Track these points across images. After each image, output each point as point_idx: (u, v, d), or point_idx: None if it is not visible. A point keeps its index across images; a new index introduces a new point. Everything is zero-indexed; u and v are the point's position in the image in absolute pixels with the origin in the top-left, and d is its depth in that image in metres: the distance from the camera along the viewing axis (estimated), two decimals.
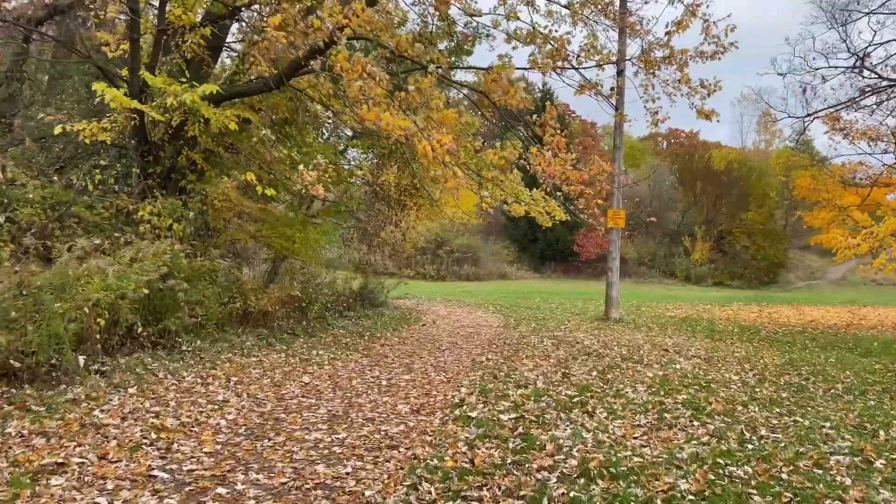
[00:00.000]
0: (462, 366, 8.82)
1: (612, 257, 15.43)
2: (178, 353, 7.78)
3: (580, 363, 8.76)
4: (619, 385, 7.28)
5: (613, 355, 9.46)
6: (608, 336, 12.05)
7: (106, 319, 7.03)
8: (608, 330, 13.28)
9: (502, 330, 13.33)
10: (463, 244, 39.61)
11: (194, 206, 9.30)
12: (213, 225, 9.49)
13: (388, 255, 20.27)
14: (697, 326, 14.88)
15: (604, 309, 15.99)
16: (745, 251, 47.72)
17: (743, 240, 48.20)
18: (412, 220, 18.92)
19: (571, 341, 11.07)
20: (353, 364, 8.70)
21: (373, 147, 13.45)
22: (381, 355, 9.63)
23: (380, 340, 11.16)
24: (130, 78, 8.90)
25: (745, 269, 46.86)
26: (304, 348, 9.43)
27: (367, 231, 18.14)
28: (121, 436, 4.94)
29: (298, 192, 8.14)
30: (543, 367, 8.48)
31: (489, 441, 5.12)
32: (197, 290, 8.41)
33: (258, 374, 7.47)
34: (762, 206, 49.13)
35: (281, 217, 10.94)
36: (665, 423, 5.76)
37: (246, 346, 8.86)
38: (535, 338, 11.59)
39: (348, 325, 12.74)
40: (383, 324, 13.51)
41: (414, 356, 9.68)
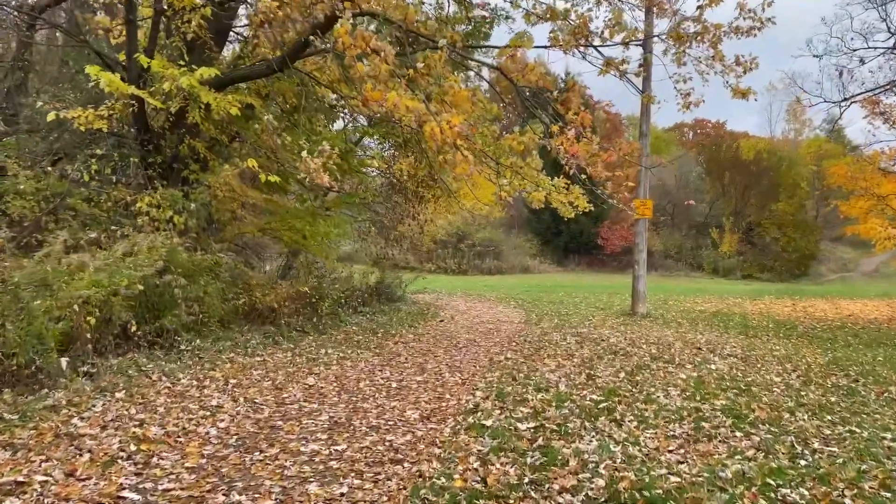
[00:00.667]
0: (479, 366, 8.26)
1: (639, 249, 14.72)
2: (175, 353, 7.33)
3: (606, 363, 8.14)
4: (650, 388, 6.65)
5: (642, 354, 8.82)
6: (635, 333, 11.38)
7: (97, 318, 6.60)
8: (635, 326, 12.60)
9: (523, 326, 12.74)
10: (485, 238, 38.96)
11: (197, 198, 8.85)
12: (217, 217, 9.03)
13: (407, 249, 19.72)
14: (730, 322, 14.13)
15: (630, 303, 15.29)
16: (774, 243, 46.39)
17: (773, 231, 46.86)
18: (430, 213, 18.36)
19: (596, 338, 10.44)
20: (363, 364, 8.18)
21: (387, 136, 12.90)
22: (393, 354, 9.10)
23: (394, 338, 10.63)
24: (128, 62, 8.45)
25: (774, 261, 45.53)
26: (313, 347, 8.93)
27: (385, 224, 17.62)
28: (96, 448, 4.47)
29: (303, 181, 7.64)
30: (566, 367, 7.88)
31: (504, 455, 4.55)
32: (197, 285, 7.95)
33: (259, 376, 6.98)
34: (793, 197, 47.75)
35: (290, 209, 10.45)
36: (703, 433, 5.14)
37: (250, 344, 8.39)
38: (557, 335, 10.98)
39: (362, 321, 12.24)
40: (399, 320, 12.99)
41: (428, 355, 9.13)
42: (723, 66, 9.01)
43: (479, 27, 12.69)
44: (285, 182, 11.15)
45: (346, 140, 10.50)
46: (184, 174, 9.07)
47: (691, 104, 9.48)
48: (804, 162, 50.42)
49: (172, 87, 7.62)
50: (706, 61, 8.92)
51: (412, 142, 13.61)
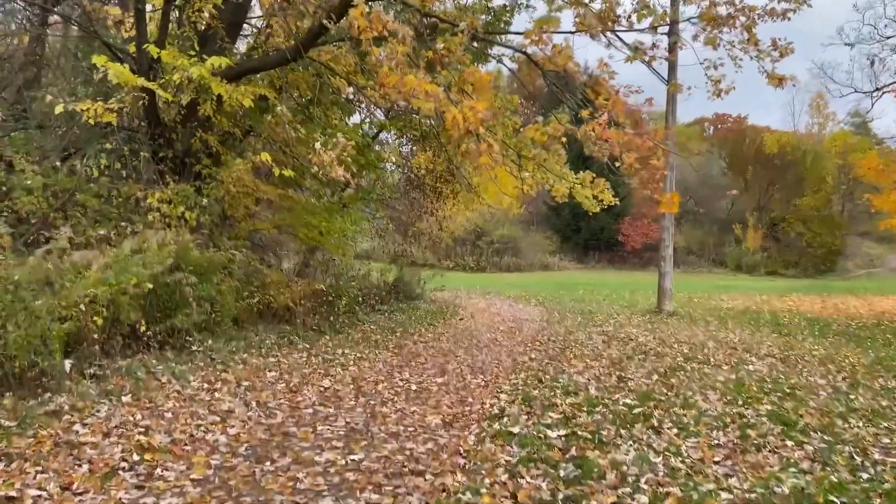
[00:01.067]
0: (502, 367, 7.89)
1: (665, 245, 14.25)
2: (187, 354, 7.04)
3: (637, 364, 7.73)
4: (687, 392, 6.24)
5: (674, 354, 8.40)
6: (664, 331, 10.94)
7: (105, 317, 6.32)
8: (662, 324, 12.15)
9: (546, 325, 12.34)
10: (503, 234, 38.56)
11: (210, 193, 8.57)
12: (230, 213, 8.74)
13: (425, 247, 19.38)
14: (760, 320, 13.63)
15: (656, 301, 14.84)
16: (799, 239, 45.44)
17: (798, 226, 45.88)
18: (449, 210, 18.01)
19: (624, 338, 10.02)
20: (381, 364, 7.85)
21: (405, 130, 12.56)
22: (412, 354, 8.77)
23: (413, 337, 10.30)
24: (137, 54, 8.17)
25: (799, 257, 44.58)
26: (329, 347, 8.62)
27: (403, 221, 17.29)
28: (97, 458, 4.17)
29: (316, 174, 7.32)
30: (595, 368, 7.48)
31: (535, 467, 4.19)
32: (210, 284, 7.66)
33: (273, 378, 6.67)
34: (818, 191, 46.71)
35: (306, 205, 10.15)
36: (751, 442, 4.73)
37: (265, 344, 8.09)
38: (582, 334, 10.57)
39: (380, 319, 11.92)
40: (418, 318, 12.66)
41: (449, 355, 8.78)
42: (758, 50, 8.54)
43: (499, 16, 12.31)
44: (301, 177, 10.86)
45: (362, 134, 10.18)
46: (196, 169, 8.79)
47: (722, 91, 9.02)
48: (829, 156, 49.41)
49: (183, 79, 7.34)
50: (740, 45, 8.45)
51: (430, 136, 13.29)
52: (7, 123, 9.13)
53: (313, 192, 10.66)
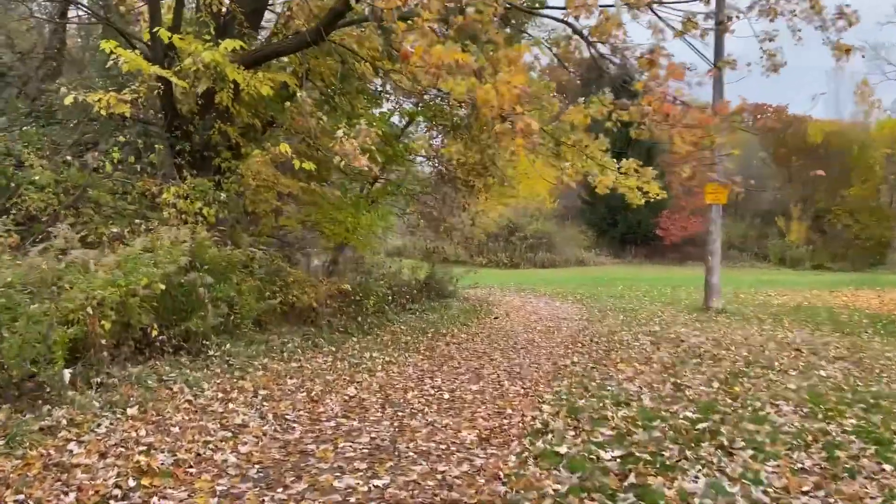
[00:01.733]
0: (542, 371, 7.26)
1: (713, 239, 13.40)
2: (203, 360, 6.56)
3: (692, 369, 7.01)
4: (755, 402, 5.52)
5: (732, 358, 7.64)
6: (716, 331, 10.16)
7: (113, 321, 5.88)
8: (712, 323, 11.35)
9: (586, 324, 11.64)
10: (537, 230, 37.68)
11: (229, 188, 8.11)
12: (252, 209, 8.27)
13: (458, 243, 18.79)
14: (816, 317, 12.70)
15: (702, 298, 13.99)
16: (847, 231, 43.61)
17: (845, 218, 44.03)
18: (481, 204, 17.38)
19: (673, 339, 9.28)
20: (411, 369, 7.28)
21: (435, 120, 11.96)
22: (445, 357, 8.18)
23: (445, 338, 9.72)
24: (151, 41, 7.76)
25: (846, 249, 42.77)
26: (356, 350, 8.08)
27: (434, 217, 16.70)
28: (87, 484, 3.67)
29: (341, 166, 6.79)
30: (645, 374, 6.79)
31: (589, 497, 3.56)
32: (228, 284, 7.18)
33: (294, 386, 6.15)
34: (866, 181, 44.77)
35: (332, 200, 9.65)
36: (841, 466, 4.02)
37: (287, 348, 7.58)
38: (627, 334, 9.86)
39: (411, 319, 11.37)
40: (450, 318, 12.07)
41: (484, 358, 8.18)
42: (821, 19, 7.73)
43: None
44: (326, 171, 10.36)
45: (388, 123, 9.62)
46: (215, 163, 8.34)
47: (777, 66, 8.21)
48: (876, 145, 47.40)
49: (197, 65, 6.86)
50: (802, 13, 7.66)
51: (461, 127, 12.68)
52: (24, 119, 8.81)
53: (339, 187, 10.14)
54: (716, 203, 13.19)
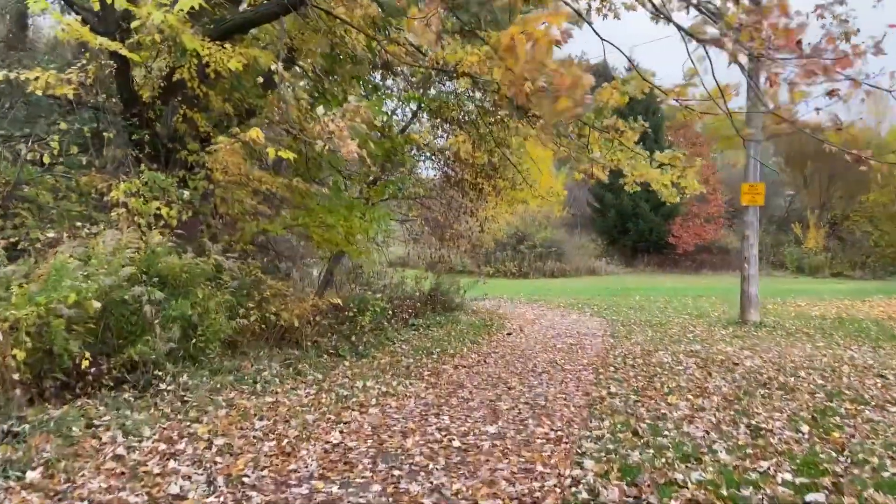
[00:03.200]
0: (573, 405, 5.91)
1: (750, 244, 12.03)
2: (152, 396, 5.26)
3: (763, 404, 5.65)
4: (869, 457, 4.16)
5: (807, 387, 6.26)
6: (767, 350, 8.79)
7: (30, 350, 4.60)
8: (755, 339, 9.98)
9: (612, 340, 10.28)
10: (546, 238, 36.32)
11: (196, 185, 6.84)
12: (222, 210, 6.99)
13: (465, 251, 17.47)
14: (867, 331, 11.30)
15: (736, 309, 12.63)
16: (866, 237, 42.11)
17: (864, 225, 42.58)
18: (491, 209, 16.10)
19: (720, 360, 7.92)
20: (412, 403, 5.95)
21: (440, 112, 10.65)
22: (453, 385, 6.85)
23: (453, 359, 8.38)
24: (101, 9, 6.48)
25: (867, 257, 41.24)
26: (347, 378, 6.76)
27: (439, 223, 15.39)
28: None
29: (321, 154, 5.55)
30: (707, 411, 5.44)
31: None
32: (190, 299, 5.89)
33: (263, 430, 4.83)
34: (886, 186, 43.31)
35: (321, 200, 8.36)
36: None
37: (263, 377, 6.25)
38: (665, 355, 8.49)
39: (413, 337, 10.04)
40: (458, 334, 10.73)
41: (499, 386, 6.84)
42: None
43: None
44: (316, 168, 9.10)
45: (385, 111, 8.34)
46: (181, 156, 7.07)
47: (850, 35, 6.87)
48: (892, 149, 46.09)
49: (151, 32, 5.61)
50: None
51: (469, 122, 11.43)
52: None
53: (332, 187, 8.85)
54: (752, 205, 11.85)
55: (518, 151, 12.65)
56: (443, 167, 14.98)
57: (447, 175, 15.36)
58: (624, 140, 7.19)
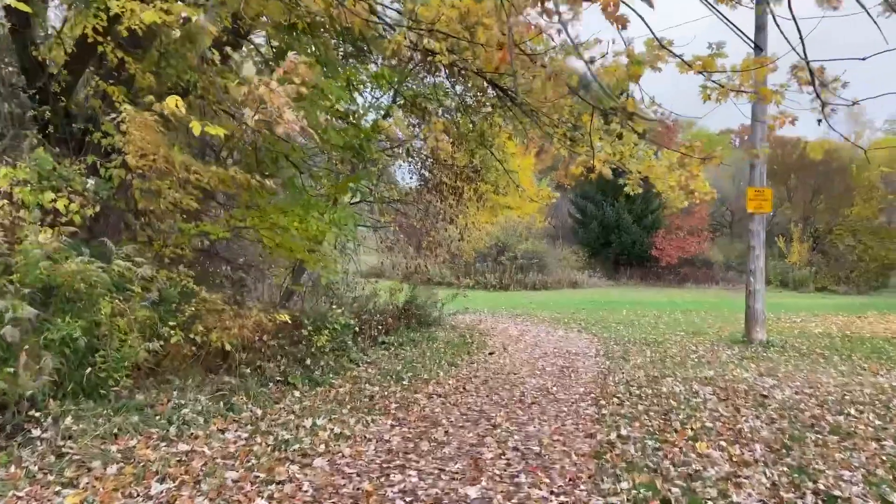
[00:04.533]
0: (575, 453, 4.67)
1: (756, 255, 10.94)
2: (21, 445, 3.92)
3: (821, 454, 4.45)
4: None
5: (865, 430, 5.09)
6: (790, 376, 7.65)
7: None
8: (769, 361, 8.85)
9: (608, 363, 9.09)
10: (527, 250, 35.23)
11: (111, 173, 5.53)
12: (143, 205, 5.66)
13: (443, 261, 16.24)
14: (884, 350, 10.25)
15: (737, 327, 11.54)
16: (850, 251, 41.68)
17: (847, 238, 42.20)
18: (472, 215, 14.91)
19: (743, 390, 6.73)
20: (373, 449, 4.67)
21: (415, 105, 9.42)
22: (425, 421, 5.58)
23: (426, 386, 7.11)
24: None
25: (851, 271, 40.74)
26: (294, 413, 5.46)
27: (416, 229, 14.14)
28: None
29: (245, 129, 4.34)
30: (752, 465, 4.22)
31: None
32: (87, 317, 4.56)
33: (158, 501, 3.52)
34: (869, 200, 43.06)
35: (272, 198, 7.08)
36: None
37: (182, 415, 4.92)
38: (674, 382, 7.29)
39: (383, 358, 8.75)
40: (434, 353, 9.47)
41: (481, 423, 5.59)
42: None
43: None
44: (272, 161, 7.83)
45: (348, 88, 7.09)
46: (94, 138, 5.74)
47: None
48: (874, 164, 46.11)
49: None
50: None
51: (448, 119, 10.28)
52: None
53: (287, 182, 7.55)
54: (759, 212, 10.77)
55: (502, 153, 11.49)
56: (419, 169, 13.81)
57: (424, 178, 14.17)
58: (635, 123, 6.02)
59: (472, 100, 11.59)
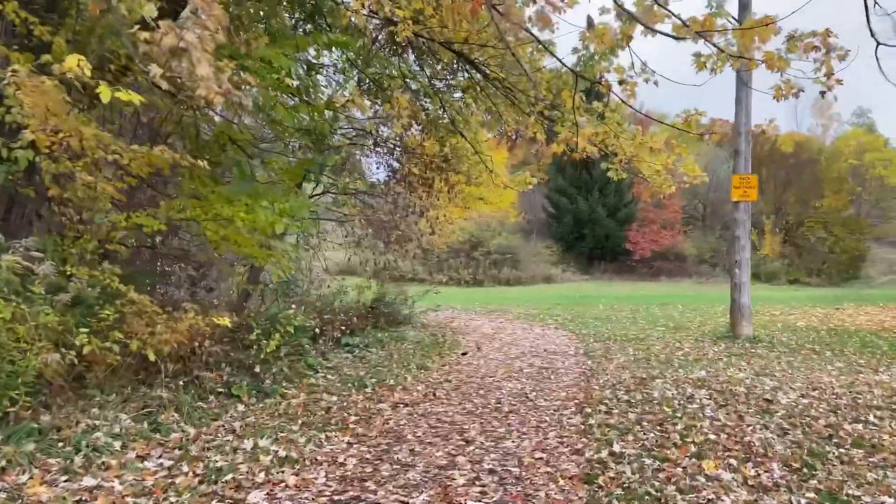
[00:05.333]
0: (561, 475, 3.98)
1: (741, 246, 10.38)
2: None
3: (851, 472, 3.82)
4: None
5: (889, 440, 4.49)
6: (788, 375, 7.08)
7: None
8: (760, 358, 8.30)
9: (589, 362, 8.46)
10: (501, 244, 34.68)
11: (15, 154, 4.69)
12: (54, 192, 4.82)
13: (413, 256, 15.47)
14: (877, 346, 9.79)
15: (720, 322, 11.02)
16: (821, 244, 41.88)
17: (818, 231, 42.42)
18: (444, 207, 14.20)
19: (742, 393, 6.11)
20: (323, 476, 3.93)
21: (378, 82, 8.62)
22: (388, 437, 4.86)
23: (392, 394, 6.39)
24: None
25: (822, 263, 40.89)
26: (234, 431, 4.69)
27: (384, 223, 13.36)
28: None
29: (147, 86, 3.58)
30: (773, 491, 3.56)
31: None
32: None
33: None
34: (839, 192, 43.39)
35: (211, 184, 6.30)
36: None
37: (93, 439, 4.12)
38: (664, 384, 6.66)
39: (346, 361, 8.00)
40: (403, 356, 8.75)
41: (452, 436, 4.88)
42: None
43: None
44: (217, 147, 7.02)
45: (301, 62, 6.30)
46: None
47: None
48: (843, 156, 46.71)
49: None
50: None
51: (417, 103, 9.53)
52: None
53: (234, 166, 6.73)
54: (744, 200, 10.23)
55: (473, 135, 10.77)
56: (387, 158, 13.06)
57: (393, 168, 13.43)
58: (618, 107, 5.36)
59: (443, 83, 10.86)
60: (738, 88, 10.05)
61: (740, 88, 9.98)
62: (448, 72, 10.27)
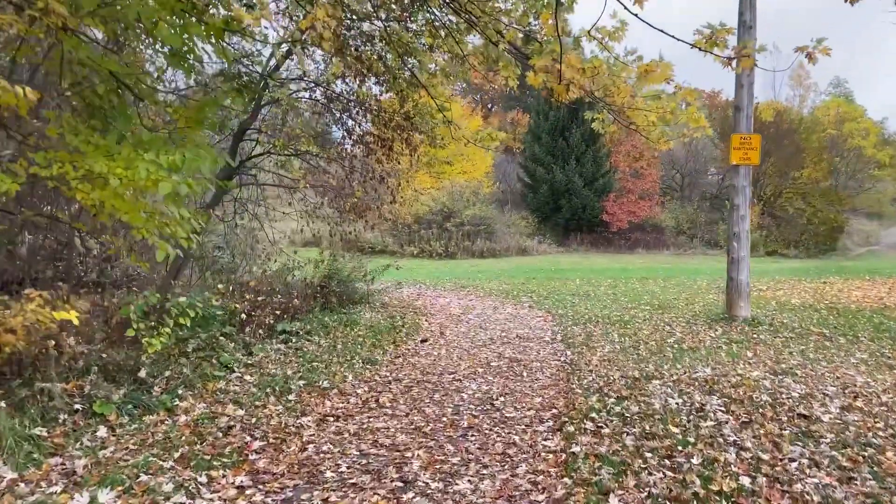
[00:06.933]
0: None
1: (740, 216, 9.10)
2: None
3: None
4: None
5: None
6: (808, 371, 5.86)
7: None
8: (765, 346, 7.09)
9: (568, 352, 7.18)
10: (474, 215, 33.27)
11: None
12: None
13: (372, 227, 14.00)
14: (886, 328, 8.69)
15: (724, 302, 9.83)
16: (799, 215, 41.27)
17: (797, 202, 41.80)
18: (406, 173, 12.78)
19: (766, 402, 4.84)
20: None
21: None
22: (300, 474, 3.51)
23: (323, 401, 5.03)
24: None
25: (801, 235, 40.27)
26: (74, 474, 3.30)
27: (337, 189, 11.86)
28: None
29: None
30: None
31: None
32: None
33: None
34: (819, 162, 42.68)
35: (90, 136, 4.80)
36: None
37: None
38: (663, 386, 5.37)
39: (277, 352, 6.60)
40: (350, 344, 7.38)
41: (389, 470, 3.55)
42: None
43: None
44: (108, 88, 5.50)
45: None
46: None
47: None
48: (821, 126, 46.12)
49: None
50: None
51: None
52: None
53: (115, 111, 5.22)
54: (744, 164, 8.93)
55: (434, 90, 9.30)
56: (341, 116, 11.51)
57: (347, 127, 11.90)
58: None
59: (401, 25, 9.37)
60: (741, 31, 8.66)
61: (745, 33, 8.60)
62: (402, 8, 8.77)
